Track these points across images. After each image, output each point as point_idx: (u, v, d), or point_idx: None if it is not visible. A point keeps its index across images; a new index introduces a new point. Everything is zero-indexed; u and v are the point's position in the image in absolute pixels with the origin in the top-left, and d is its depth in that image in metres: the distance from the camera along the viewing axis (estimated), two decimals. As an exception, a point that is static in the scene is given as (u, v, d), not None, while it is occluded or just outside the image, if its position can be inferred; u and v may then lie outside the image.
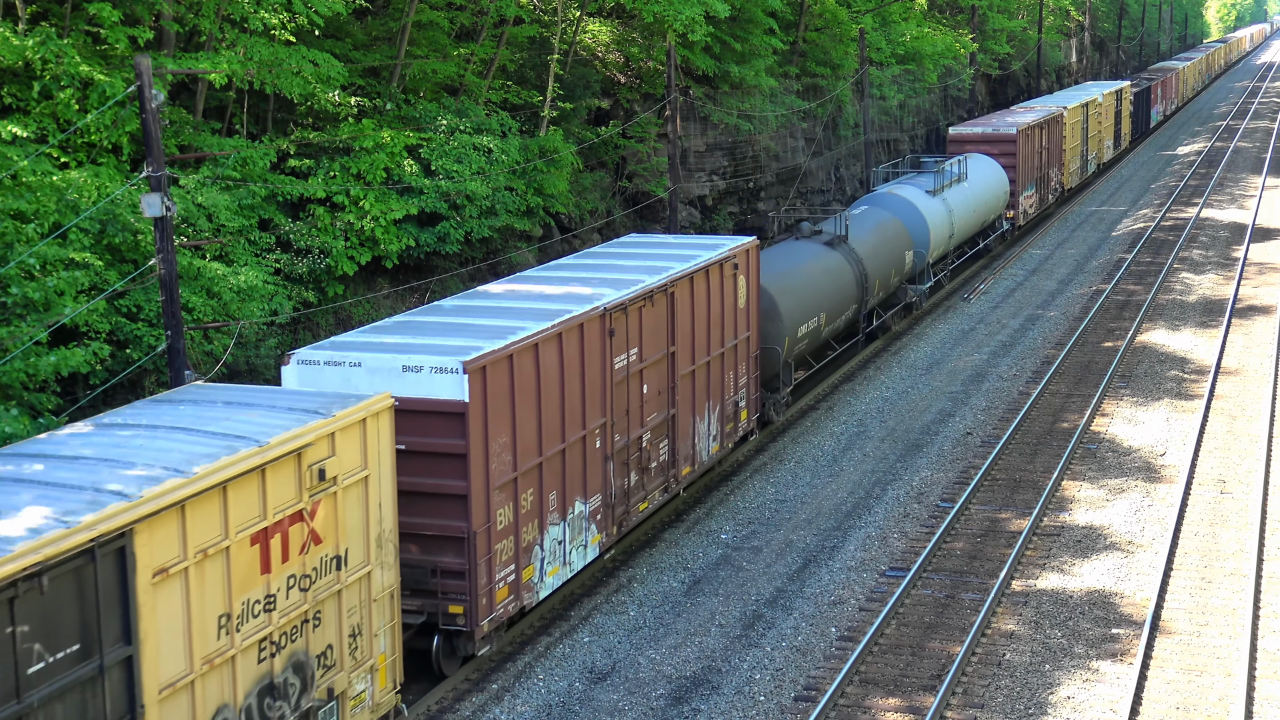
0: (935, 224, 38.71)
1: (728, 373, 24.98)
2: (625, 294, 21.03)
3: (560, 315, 19.46)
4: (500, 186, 28.83)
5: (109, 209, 20.27)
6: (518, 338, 18.27)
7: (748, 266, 25.57)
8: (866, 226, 34.25)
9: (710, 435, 24.44)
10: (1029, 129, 49.85)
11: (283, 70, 24.74)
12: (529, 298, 20.83)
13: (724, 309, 24.58)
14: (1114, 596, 20.51)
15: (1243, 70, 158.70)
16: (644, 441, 21.83)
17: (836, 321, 31.03)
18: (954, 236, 40.93)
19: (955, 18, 74.68)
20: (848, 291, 31.46)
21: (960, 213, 41.25)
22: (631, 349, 21.17)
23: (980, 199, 43.71)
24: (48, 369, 17.96)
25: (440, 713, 17.74)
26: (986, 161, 46.39)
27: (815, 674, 18.46)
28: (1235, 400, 30.24)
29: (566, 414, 19.39)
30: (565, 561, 19.69)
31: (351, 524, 15.27)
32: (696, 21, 35.66)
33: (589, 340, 19.89)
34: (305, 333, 25.27)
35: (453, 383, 17.07)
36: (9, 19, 22.17)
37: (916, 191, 39.22)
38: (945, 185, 40.84)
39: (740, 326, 25.46)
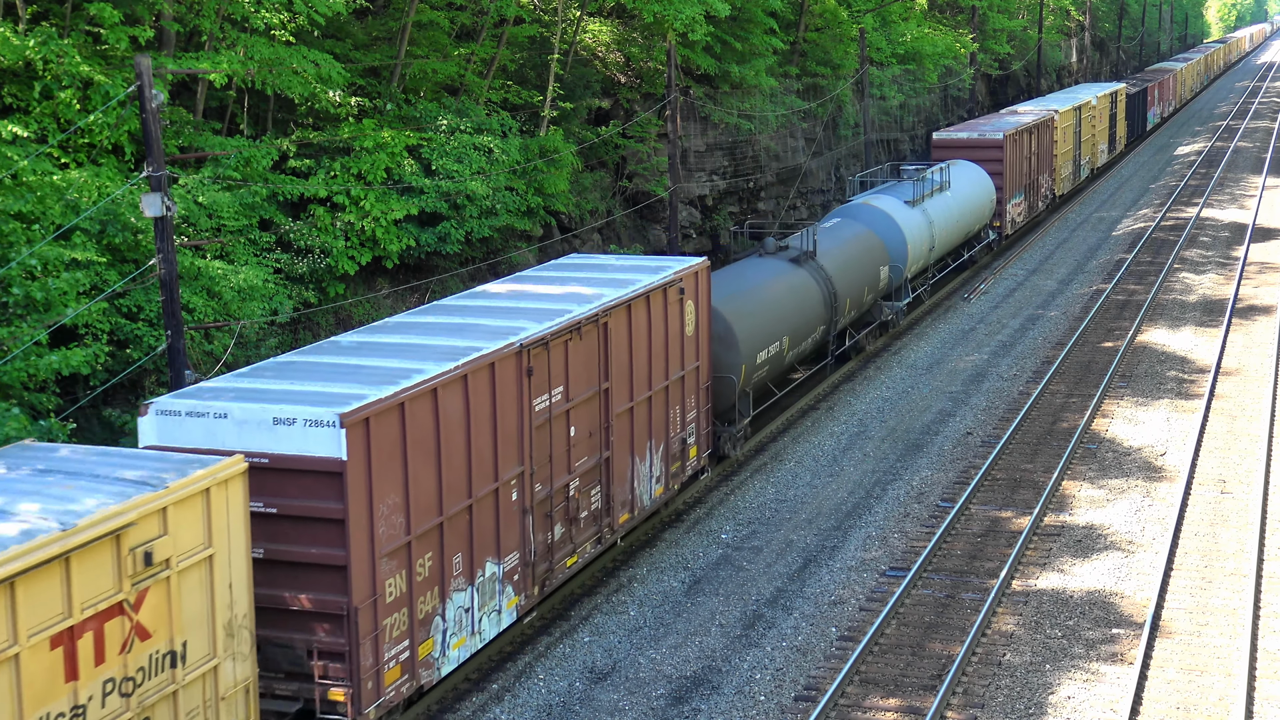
0: (914, 237, 36.67)
1: (673, 408, 22.91)
2: (548, 327, 18.92)
3: (467, 354, 17.37)
4: (500, 186, 28.83)
5: (109, 209, 20.27)
6: (412, 383, 16.17)
7: (697, 290, 23.56)
8: (837, 241, 32.33)
9: (653, 477, 22.31)
10: (1017, 134, 48.05)
11: (283, 70, 24.74)
12: (439, 331, 18.63)
13: (668, 338, 22.48)
14: (1114, 596, 20.52)
15: (1243, 70, 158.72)
16: (571, 490, 19.68)
17: (802, 345, 29.15)
18: (935, 249, 38.95)
19: (955, 18, 74.69)
20: (815, 312, 29.51)
21: (942, 224, 39.33)
22: (555, 388, 19.07)
23: (964, 209, 41.79)
24: (48, 369, 17.96)
25: (440, 713, 17.75)
26: (972, 169, 44.53)
27: (815, 674, 18.47)
28: (1235, 400, 30.24)
29: (474, 465, 17.31)
30: (474, 631, 17.60)
31: (192, 612, 13.26)
32: (697, 21, 35.67)
33: (502, 381, 17.78)
34: (305, 333, 25.28)
35: (328, 437, 14.95)
36: (9, 19, 22.17)
37: (894, 202, 37.11)
38: (926, 195, 38.95)
39: (688, 356, 23.39)
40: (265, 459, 15.03)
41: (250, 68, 24.00)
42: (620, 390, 21.00)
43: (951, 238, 40.82)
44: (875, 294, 34.02)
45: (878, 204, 36.44)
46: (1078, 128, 59.50)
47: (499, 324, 18.95)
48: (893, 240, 35.61)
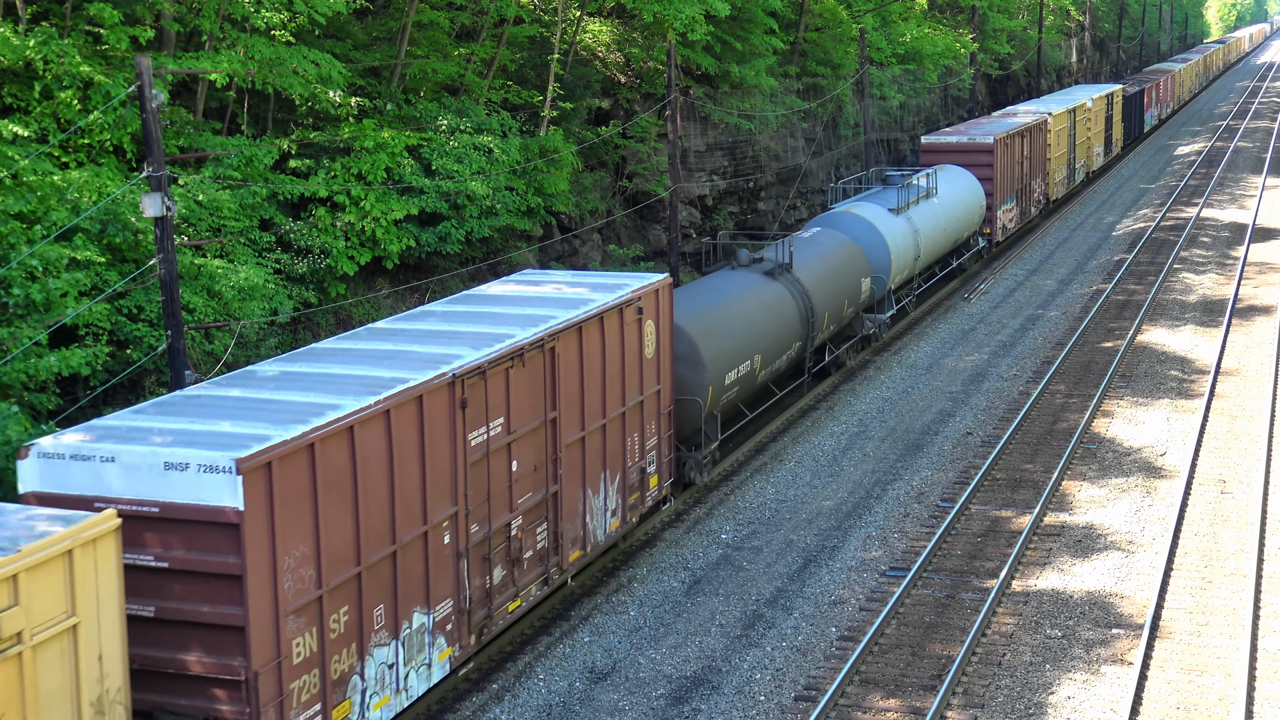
0: (898, 246, 35.10)
1: (630, 436, 21.45)
2: (486, 354, 17.44)
3: (392, 386, 15.91)
4: (501, 186, 28.84)
5: (109, 209, 20.28)
6: (325, 421, 14.69)
7: (658, 309, 22.08)
8: (816, 252, 30.85)
9: (608, 510, 20.91)
10: (1008, 138, 46.56)
11: (283, 70, 24.75)
12: (366, 360, 17.11)
13: (625, 361, 21.01)
14: (1114, 596, 20.52)
15: (1243, 70, 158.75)
16: (514, 529, 18.24)
17: (776, 363, 27.70)
18: (920, 259, 37.35)
19: (955, 18, 74.70)
20: (790, 328, 28.06)
21: (928, 232, 37.70)
22: (495, 420, 17.62)
23: (952, 215, 40.27)
24: (47, 370, 17.96)
25: (440, 712, 17.75)
26: (961, 174, 43.02)
27: (815, 674, 18.47)
28: (1236, 400, 30.24)
29: (399, 508, 15.84)
30: (400, 688, 16.14)
31: (50, 690, 11.74)
32: (696, 21, 35.68)
33: (432, 415, 16.34)
34: (305, 333, 25.28)
35: (223, 485, 13.50)
36: (9, 19, 22.18)
37: (877, 210, 35.53)
38: (911, 202, 37.37)
39: (648, 379, 21.93)
40: (155, 508, 13.65)
41: (250, 68, 24.01)
42: (570, 419, 19.60)
43: (939, 246, 39.29)
44: (856, 307, 32.61)
45: (860, 212, 34.94)
46: (1072, 130, 58.12)
47: (433, 351, 17.45)
48: (875, 250, 34.13)
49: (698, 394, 24.01)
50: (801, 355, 29.40)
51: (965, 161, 44.56)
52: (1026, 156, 49.59)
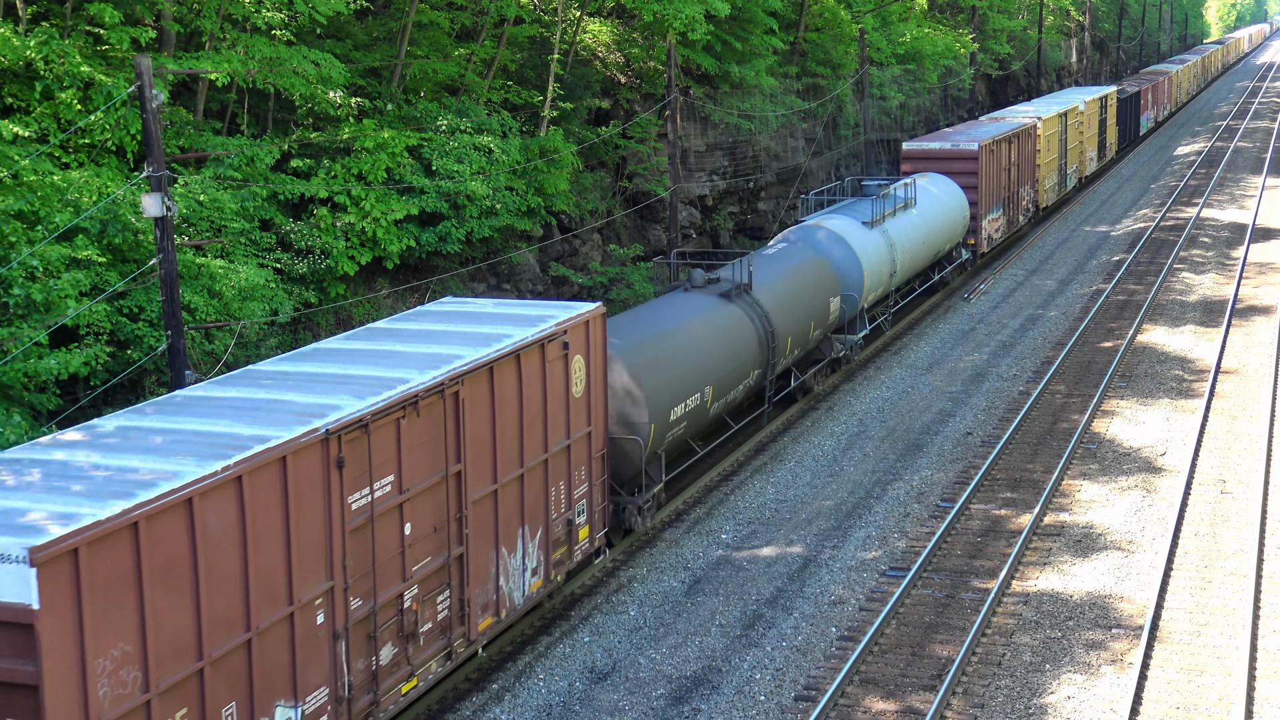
0: (872, 262, 33.07)
1: (555, 485, 19.38)
2: (371, 404, 15.22)
3: (248, 447, 13.56)
4: (501, 186, 28.85)
5: (110, 209, 20.29)
6: (154, 494, 12.36)
7: (588, 342, 20.09)
8: (779, 271, 28.93)
9: (527, 570, 18.78)
10: (993, 144, 44.54)
11: (283, 69, 24.76)
12: (225, 413, 14.74)
13: (548, 402, 18.95)
14: (1114, 596, 20.53)
15: (1242, 70, 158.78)
16: (408, 600, 16.07)
17: (732, 393, 25.91)
18: (897, 274, 35.46)
19: (955, 18, 74.73)
20: (748, 355, 26.17)
21: (906, 245, 35.87)
22: (382, 478, 15.48)
23: (933, 227, 38.39)
24: (47, 371, 17.97)
25: (440, 712, 17.76)
26: (943, 182, 41.26)
27: (815, 674, 18.48)
28: (1236, 400, 30.25)
29: (256, 588, 13.58)
30: None
31: None
32: (697, 20, 35.70)
33: (299, 478, 14.12)
34: (306, 333, 25.28)
35: (14, 578, 11.22)
36: (9, 19, 22.18)
37: (850, 223, 33.42)
38: (888, 214, 35.49)
39: (577, 421, 19.85)
40: None
41: (251, 67, 24.01)
42: (479, 472, 17.42)
43: (917, 260, 37.43)
44: (824, 328, 30.71)
45: (831, 225, 32.85)
46: (1063, 135, 56.27)
47: (308, 401, 15.15)
48: (847, 267, 31.99)
49: (638, 432, 22.11)
50: (762, 383, 27.45)
51: (948, 169, 42.86)
52: (1014, 163, 47.67)
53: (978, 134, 45.34)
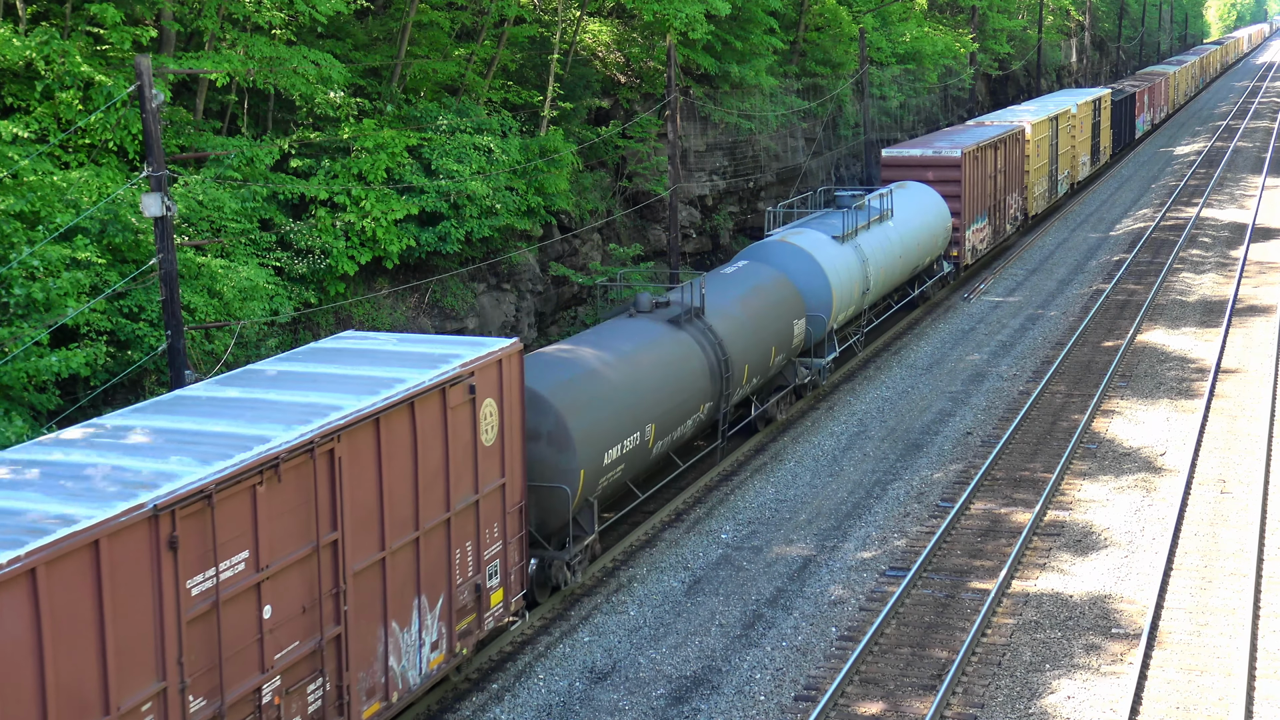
0: (841, 280, 30.94)
1: (459, 546, 17.12)
2: (215, 471, 12.96)
3: (44, 534, 11.29)
4: (501, 186, 28.85)
5: (110, 209, 20.29)
6: None
7: (502, 383, 17.77)
8: (735, 292, 26.91)
9: (425, 645, 16.57)
10: (978, 151, 42.38)
11: (284, 69, 24.75)
12: (33, 483, 12.48)
13: (450, 454, 16.66)
14: (1114, 596, 20.53)
15: (1242, 70, 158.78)
16: (266, 694, 13.90)
17: (679, 430, 23.66)
18: (870, 291, 33.32)
19: (955, 17, 74.74)
20: (697, 386, 23.97)
21: (880, 260, 33.85)
22: (232, 556, 13.23)
23: (911, 239, 36.47)
24: (48, 370, 17.96)
25: (440, 712, 17.76)
26: (924, 192, 39.26)
27: (815, 674, 18.48)
28: (1236, 400, 30.25)
29: (56, 700, 11.32)
30: None
31: None
32: (697, 20, 35.70)
33: (118, 565, 11.87)
34: (305, 332, 25.28)
35: None
36: (9, 19, 22.18)
37: (819, 238, 31.26)
38: (861, 227, 33.43)
39: (487, 472, 17.59)
40: None
41: (251, 67, 24.01)
42: (362, 539, 15.22)
43: (894, 275, 35.39)
44: (788, 353, 28.44)
45: (797, 241, 30.53)
46: (1054, 140, 54.40)
47: (139, 467, 12.88)
48: (813, 286, 29.93)
49: (566, 480, 19.93)
50: (715, 416, 25.31)
51: (930, 177, 40.83)
52: (1000, 170, 45.50)
53: (961, 140, 43.34)
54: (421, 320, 28.16)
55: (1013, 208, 47.97)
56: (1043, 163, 52.25)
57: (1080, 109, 59.51)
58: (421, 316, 28.26)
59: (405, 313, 27.77)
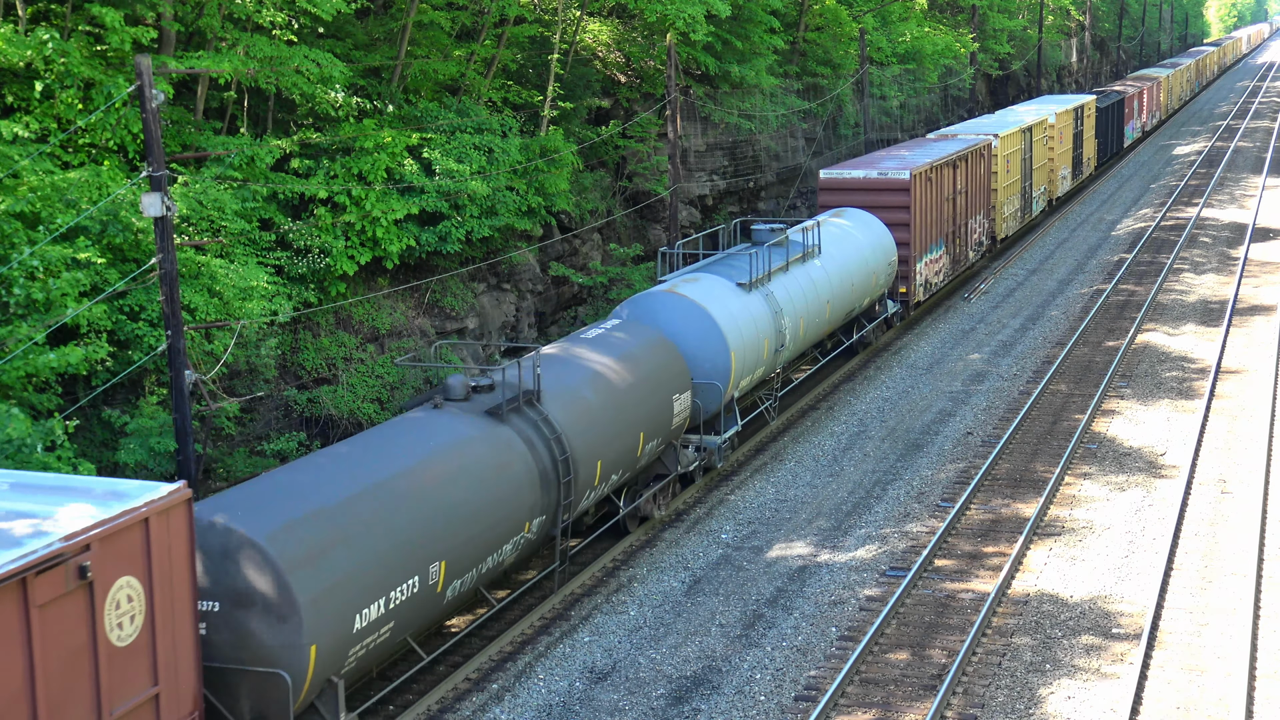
0: (745, 338, 25.79)
1: None
2: None
3: None
4: (501, 186, 28.84)
5: (110, 208, 20.28)
6: None
7: (149, 550, 12.77)
8: (590, 367, 21.66)
9: None
10: (931, 171, 37.32)
11: (285, 69, 24.75)
12: None
13: (38, 671, 11.58)
14: (1114, 596, 20.52)
15: (1242, 70, 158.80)
16: None
17: (491, 560, 18.27)
18: (787, 348, 28.18)
19: (955, 17, 74.76)
20: (519, 500, 18.60)
21: (801, 308, 28.64)
22: None
23: (843, 280, 31.20)
24: (45, 368, 17.96)
25: (440, 712, 17.75)
26: (864, 221, 34.25)
27: (815, 674, 18.48)
28: (1236, 400, 30.25)
29: None
30: None
31: None
32: (698, 20, 35.71)
33: None
34: (305, 332, 25.28)
35: None
36: (9, 19, 22.17)
37: (717, 287, 26.07)
38: (776, 269, 28.23)
39: (120, 686, 12.55)
40: None
41: (252, 67, 24.00)
42: None
43: (819, 325, 30.13)
44: (666, 436, 23.25)
45: (689, 292, 25.40)
46: (1027, 153, 49.42)
47: None
48: (705, 348, 24.88)
49: (286, 662, 14.65)
50: (550, 532, 19.92)
51: (874, 202, 35.80)
52: (961, 191, 40.45)
53: (913, 159, 38.26)
54: (421, 320, 28.17)
55: (977, 232, 42.95)
56: (1013, 179, 47.47)
57: (1059, 118, 55.04)
58: (421, 316, 28.26)
59: (405, 313, 27.77)
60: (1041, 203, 53.00)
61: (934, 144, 42.30)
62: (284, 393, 24.33)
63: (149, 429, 19.65)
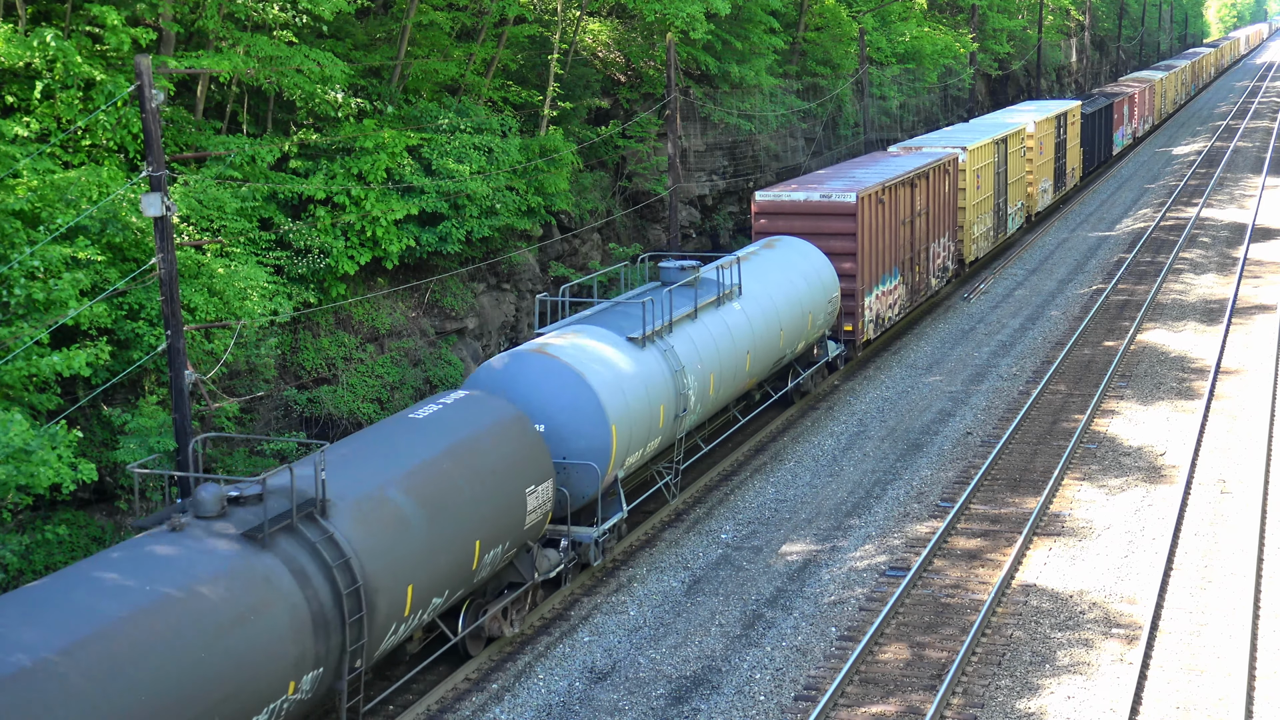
0: (633, 406, 21.24)
1: None
2: None
3: None
4: (501, 186, 28.85)
5: (110, 208, 20.28)
6: None
7: None
8: (405, 464, 16.93)
9: None
10: (882, 192, 32.75)
11: (285, 68, 24.75)
12: None
13: None
14: (1114, 596, 20.53)
15: (1242, 71, 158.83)
16: None
17: None
18: (693, 413, 23.51)
19: (955, 17, 74.77)
20: (280, 656, 14.15)
21: (712, 363, 24.03)
22: None
23: (769, 324, 26.57)
24: (49, 370, 17.96)
25: (440, 712, 17.76)
26: (798, 251, 29.59)
27: (815, 674, 18.48)
28: (1236, 400, 30.25)
29: None
30: None
31: None
32: (697, 19, 35.71)
33: None
34: (305, 332, 25.28)
35: None
36: (9, 19, 22.17)
37: (602, 344, 21.72)
38: (680, 319, 23.71)
39: None
40: None
41: (252, 66, 24.00)
42: None
43: (736, 380, 25.45)
44: (516, 540, 18.62)
45: (562, 352, 21.01)
46: (1001, 166, 45.00)
47: None
48: (578, 422, 20.48)
49: None
50: (334, 684, 15.26)
51: (817, 229, 31.35)
52: (921, 211, 36.16)
53: (864, 177, 33.91)
54: (422, 320, 28.17)
55: (940, 256, 38.60)
56: (985, 196, 43.30)
57: (1039, 126, 50.57)
58: (422, 316, 28.26)
59: (405, 313, 27.77)
60: (1018, 219, 49.17)
61: (893, 159, 38.38)
62: (284, 393, 24.34)
63: (149, 429, 19.65)
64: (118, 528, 20.52)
